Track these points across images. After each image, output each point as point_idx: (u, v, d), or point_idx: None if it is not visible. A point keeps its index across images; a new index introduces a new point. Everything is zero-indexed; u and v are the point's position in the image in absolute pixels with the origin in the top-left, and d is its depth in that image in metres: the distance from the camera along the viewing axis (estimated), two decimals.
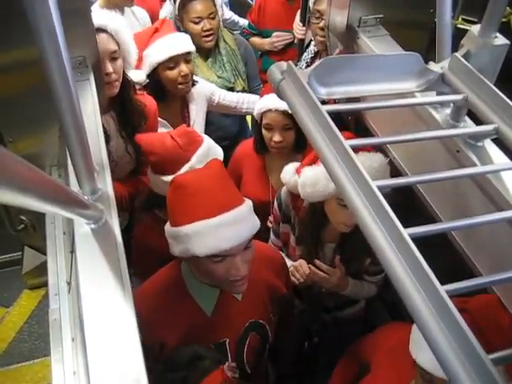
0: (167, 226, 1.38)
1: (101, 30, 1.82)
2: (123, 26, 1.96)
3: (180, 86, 2.39)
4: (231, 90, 2.78)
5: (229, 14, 3.54)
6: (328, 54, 1.98)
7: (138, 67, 2.34)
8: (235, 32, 3.11)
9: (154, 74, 2.35)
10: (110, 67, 1.86)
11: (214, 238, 1.26)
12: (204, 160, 1.71)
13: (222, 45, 2.80)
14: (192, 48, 2.40)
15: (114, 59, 1.89)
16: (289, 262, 1.91)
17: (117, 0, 2.78)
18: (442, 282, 0.62)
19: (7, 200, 0.48)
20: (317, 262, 1.83)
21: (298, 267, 1.85)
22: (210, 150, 1.83)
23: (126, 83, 2.01)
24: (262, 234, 2.05)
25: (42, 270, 1.90)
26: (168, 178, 1.71)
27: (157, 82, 2.38)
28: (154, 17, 3.44)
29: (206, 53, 2.75)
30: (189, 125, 2.46)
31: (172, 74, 2.34)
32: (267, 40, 3.29)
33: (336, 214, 1.73)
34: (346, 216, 1.68)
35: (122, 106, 2.03)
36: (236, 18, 3.61)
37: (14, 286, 3.21)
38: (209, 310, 1.46)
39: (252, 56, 3.02)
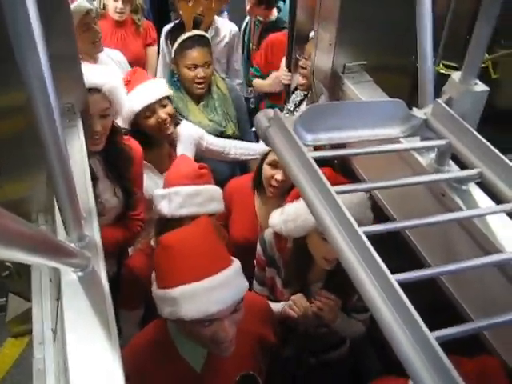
0: (154, 288, 1.36)
1: (95, 89, 1.82)
2: (119, 83, 1.97)
3: (163, 131, 2.40)
4: (222, 133, 2.80)
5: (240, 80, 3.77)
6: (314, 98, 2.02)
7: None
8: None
9: (135, 124, 2.36)
10: (99, 126, 1.85)
11: (201, 302, 1.24)
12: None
13: (214, 89, 2.83)
14: (167, 92, 2.41)
15: (104, 116, 1.89)
16: (278, 305, 1.89)
17: (83, 49, 2.76)
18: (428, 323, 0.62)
19: None
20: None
21: (296, 301, 1.84)
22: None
23: (114, 130, 2.01)
24: (250, 274, 2.04)
25: (26, 317, 1.86)
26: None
27: (139, 130, 2.38)
28: (138, 61, 3.50)
29: (197, 97, 2.79)
30: None
31: (151, 121, 2.35)
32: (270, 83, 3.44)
33: (317, 249, 1.75)
34: (327, 250, 1.70)
35: (108, 151, 2.03)
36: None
37: None
38: (198, 366, 1.44)
39: (242, 101, 3.07)
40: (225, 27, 3.53)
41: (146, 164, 2.44)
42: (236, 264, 1.36)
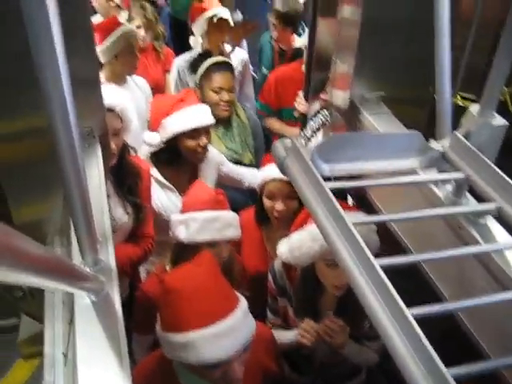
0: (159, 330, 1.32)
1: (109, 109, 1.88)
2: (129, 104, 2.07)
3: (197, 156, 2.44)
4: (239, 162, 2.82)
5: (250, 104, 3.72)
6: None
7: (154, 130, 2.40)
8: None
9: (173, 141, 2.39)
10: (112, 144, 1.91)
11: (210, 348, 1.20)
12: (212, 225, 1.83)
13: (234, 117, 2.88)
14: (213, 120, 2.46)
15: (116, 135, 1.97)
16: (291, 333, 1.88)
17: (120, 71, 2.88)
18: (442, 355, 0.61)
19: (9, 280, 0.47)
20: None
21: (305, 327, 1.82)
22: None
23: (123, 147, 2.08)
24: (264, 303, 2.03)
25: (38, 339, 1.85)
26: None
27: (174, 148, 2.42)
28: (158, 87, 3.56)
29: (217, 124, 2.82)
30: None
31: (192, 143, 2.39)
32: (290, 130, 3.27)
33: (326, 276, 1.75)
34: (335, 276, 1.70)
35: (118, 168, 2.08)
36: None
37: (7, 355, 3.10)
38: None
39: (260, 131, 3.09)
40: (236, 56, 3.57)
41: (166, 184, 2.48)
42: (243, 304, 1.33)
